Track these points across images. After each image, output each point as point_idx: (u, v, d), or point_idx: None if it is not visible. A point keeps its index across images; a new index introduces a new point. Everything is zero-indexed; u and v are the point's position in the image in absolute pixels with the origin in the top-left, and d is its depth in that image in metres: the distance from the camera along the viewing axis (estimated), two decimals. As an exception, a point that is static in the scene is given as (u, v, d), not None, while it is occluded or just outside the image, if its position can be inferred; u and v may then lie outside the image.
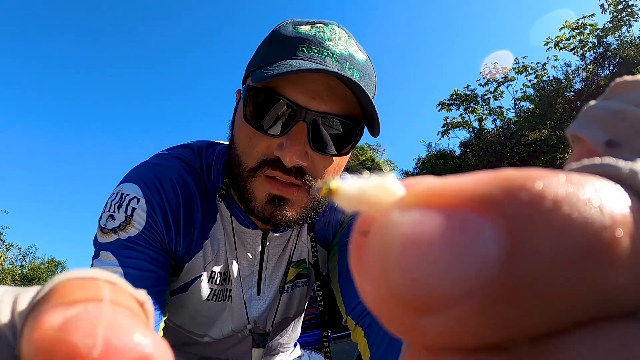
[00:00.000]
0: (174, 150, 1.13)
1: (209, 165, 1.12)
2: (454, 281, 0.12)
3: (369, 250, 0.14)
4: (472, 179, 0.13)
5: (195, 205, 1.07)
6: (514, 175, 0.13)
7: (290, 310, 1.28)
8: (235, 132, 1.00)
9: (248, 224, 1.11)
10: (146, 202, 1.00)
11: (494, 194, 0.13)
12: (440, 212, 0.13)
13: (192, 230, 1.07)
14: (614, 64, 20.10)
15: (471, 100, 25.33)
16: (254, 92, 0.92)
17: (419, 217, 0.13)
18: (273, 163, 0.93)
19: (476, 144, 21.97)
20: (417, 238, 0.13)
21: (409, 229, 0.13)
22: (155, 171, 1.05)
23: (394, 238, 0.13)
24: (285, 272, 1.20)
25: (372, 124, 0.97)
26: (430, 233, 0.13)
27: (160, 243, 1.02)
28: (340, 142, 0.96)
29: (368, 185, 0.14)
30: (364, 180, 0.14)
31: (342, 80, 0.90)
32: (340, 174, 1.05)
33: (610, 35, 21.05)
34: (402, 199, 0.14)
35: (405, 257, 0.13)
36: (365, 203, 0.14)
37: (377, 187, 0.14)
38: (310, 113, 0.90)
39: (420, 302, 0.13)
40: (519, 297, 0.12)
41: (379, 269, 0.13)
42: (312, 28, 0.95)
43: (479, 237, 0.12)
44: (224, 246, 1.12)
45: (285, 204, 0.97)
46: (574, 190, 0.13)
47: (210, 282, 1.13)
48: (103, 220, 1.00)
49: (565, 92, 20.31)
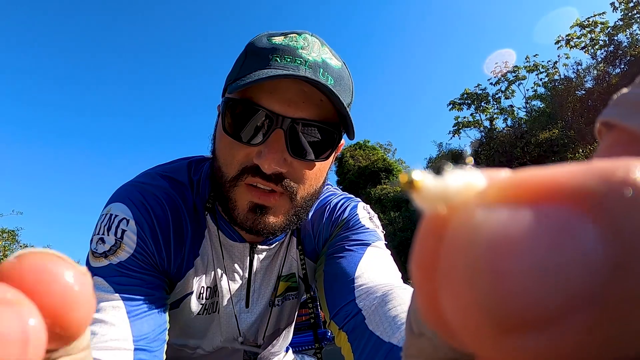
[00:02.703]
0: (161, 168, 1.13)
1: (198, 180, 1.12)
2: (555, 293, 0.10)
3: (449, 256, 0.12)
4: (565, 170, 0.11)
5: (184, 223, 1.06)
6: (613, 166, 0.11)
7: (281, 322, 1.30)
8: (217, 144, 1.01)
9: (235, 238, 1.11)
10: (136, 223, 0.99)
11: (593, 187, 0.11)
12: (533, 209, 0.11)
13: (182, 249, 1.06)
14: (625, 62, 19.93)
15: (482, 99, 25.23)
16: (232, 103, 0.93)
17: (508, 215, 0.11)
18: (253, 170, 0.93)
19: (487, 144, 21.87)
20: (509, 241, 0.11)
21: (499, 230, 0.11)
22: (142, 190, 1.04)
23: (481, 241, 0.11)
24: (275, 286, 1.20)
25: (347, 127, 0.98)
26: (524, 235, 0.11)
27: (152, 264, 1.01)
28: (319, 147, 0.96)
29: (451, 180, 0.12)
30: (446, 175, 0.12)
31: (315, 86, 0.91)
32: (324, 178, 1.05)
33: (621, 33, 20.86)
34: (487, 193, 0.12)
35: (495, 264, 0.11)
36: (447, 199, 0.12)
37: (461, 182, 0.12)
38: (287, 120, 0.90)
39: (515, 318, 0.11)
40: (632, 311, 0.10)
41: (462, 280, 0.11)
42: (285, 38, 0.96)
43: (581, 240, 0.10)
44: (212, 260, 1.11)
45: (267, 212, 0.96)
46: None
47: (200, 297, 1.12)
48: (94, 243, 0.98)
49: (576, 91, 20.18)
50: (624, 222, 0.10)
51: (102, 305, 0.89)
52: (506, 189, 0.12)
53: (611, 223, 0.10)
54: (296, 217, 1.03)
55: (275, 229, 1.00)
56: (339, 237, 1.14)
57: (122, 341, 0.85)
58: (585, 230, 0.10)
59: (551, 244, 0.10)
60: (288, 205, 0.99)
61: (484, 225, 0.11)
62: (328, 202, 1.21)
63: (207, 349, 1.23)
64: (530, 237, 0.11)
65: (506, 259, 0.11)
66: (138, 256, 0.98)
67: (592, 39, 22.14)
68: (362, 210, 1.20)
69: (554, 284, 0.10)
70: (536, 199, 0.11)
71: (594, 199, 0.10)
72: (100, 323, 0.85)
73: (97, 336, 0.83)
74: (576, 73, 21.41)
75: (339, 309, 1.00)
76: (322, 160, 0.99)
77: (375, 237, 1.13)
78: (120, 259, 0.96)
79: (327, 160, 1.02)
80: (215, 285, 1.13)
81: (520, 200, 0.11)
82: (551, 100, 21.09)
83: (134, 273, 0.96)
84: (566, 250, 0.10)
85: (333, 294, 1.05)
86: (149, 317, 0.92)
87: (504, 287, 0.11)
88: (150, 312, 0.93)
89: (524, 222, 0.11)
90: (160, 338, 0.95)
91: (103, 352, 0.81)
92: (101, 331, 0.84)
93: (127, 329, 0.87)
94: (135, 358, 0.86)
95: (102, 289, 0.92)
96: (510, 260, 0.11)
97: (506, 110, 24.64)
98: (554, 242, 0.10)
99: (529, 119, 22.28)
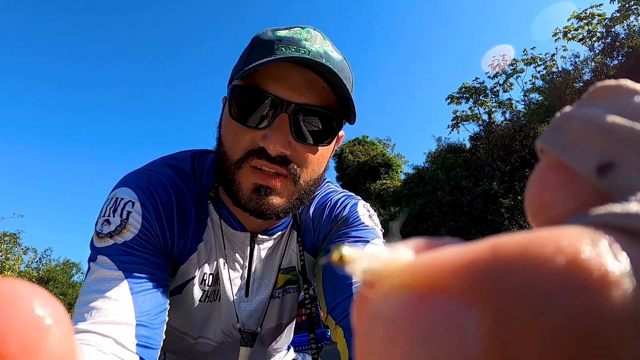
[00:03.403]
0: (166, 159, 1.16)
1: (201, 171, 1.15)
2: None
3: (361, 319, 0.13)
4: (464, 252, 0.12)
5: (188, 208, 1.09)
6: (506, 251, 0.11)
7: (283, 317, 1.32)
8: (222, 131, 1.04)
9: (237, 227, 1.13)
10: (141, 205, 1.02)
11: (481, 276, 0.11)
12: (423, 296, 0.11)
13: (186, 233, 1.09)
14: (622, 54, 19.92)
15: (480, 93, 25.22)
16: (239, 90, 0.97)
17: (401, 300, 0.12)
18: (258, 153, 0.96)
19: (486, 138, 21.88)
20: (397, 327, 0.11)
21: (391, 315, 0.12)
22: (148, 176, 1.07)
23: (378, 321, 0.12)
24: (275, 278, 1.22)
25: (349, 111, 1.00)
26: (410, 323, 0.11)
27: (156, 245, 1.03)
28: (322, 133, 1.00)
29: (377, 257, 0.13)
30: (375, 250, 0.13)
31: (320, 71, 0.95)
32: (325, 164, 1.09)
33: (619, 24, 20.82)
34: (399, 274, 0.12)
35: (385, 344, 0.11)
36: (370, 274, 0.13)
37: (386, 259, 0.13)
38: (291, 105, 0.94)
39: None
40: None
41: (366, 343, 0.12)
42: (289, 31, 1.00)
43: (462, 332, 0.10)
44: (214, 248, 1.13)
45: (270, 193, 0.99)
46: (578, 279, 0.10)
47: (203, 284, 1.14)
48: (99, 225, 1.01)
49: (574, 83, 20.16)
50: (503, 318, 0.10)
51: (105, 282, 0.91)
52: (409, 272, 0.12)
53: (494, 313, 0.10)
54: (299, 201, 1.05)
55: (279, 210, 1.01)
56: (338, 233, 1.17)
57: (124, 316, 0.87)
58: (467, 322, 0.10)
59: (434, 334, 0.10)
60: (292, 189, 1.01)
61: (382, 306, 0.12)
62: (329, 198, 1.24)
63: (209, 336, 1.25)
64: (416, 325, 0.11)
65: (394, 344, 0.11)
66: (142, 237, 1.00)
67: (590, 31, 22.11)
68: (362, 208, 1.23)
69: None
70: (432, 285, 0.11)
71: (481, 290, 0.10)
72: (103, 298, 0.88)
73: (100, 311, 0.86)
74: (574, 65, 21.40)
75: (336, 304, 1.03)
76: (325, 145, 1.02)
77: (374, 235, 1.16)
78: (125, 238, 0.98)
79: (329, 147, 1.05)
80: (217, 273, 1.15)
81: (418, 286, 0.12)
82: (549, 93, 21.08)
83: (138, 252, 0.98)
84: (444, 343, 0.10)
85: (331, 289, 1.08)
86: (151, 295, 0.94)
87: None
88: (152, 290, 0.95)
89: (414, 310, 0.11)
90: (161, 317, 0.96)
91: (106, 327, 0.84)
92: (104, 306, 0.86)
93: (130, 305, 0.89)
94: (137, 333, 0.88)
95: (106, 267, 0.94)
96: (397, 346, 0.11)
97: (504, 104, 24.64)
98: (437, 333, 0.10)
99: (527, 112, 22.27)
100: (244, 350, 1.21)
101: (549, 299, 0.10)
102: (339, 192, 1.27)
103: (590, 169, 0.14)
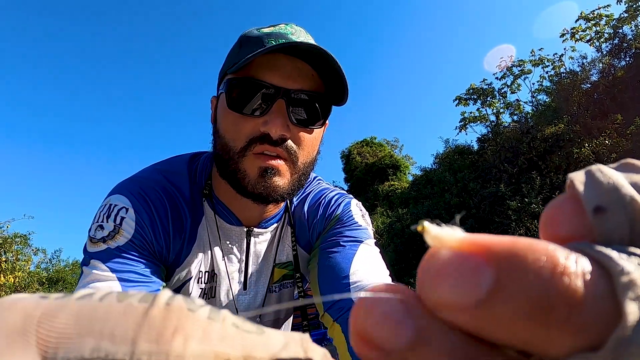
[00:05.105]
0: (158, 165, 1.19)
1: (194, 171, 1.18)
2: (460, 295, 0.17)
3: (427, 263, 0.19)
4: (495, 238, 0.18)
5: (182, 212, 1.12)
6: (519, 244, 0.17)
7: (281, 311, 1.37)
8: (220, 125, 1.08)
9: (232, 221, 1.17)
10: (134, 211, 1.04)
11: (500, 255, 0.17)
12: (465, 255, 0.18)
13: (182, 237, 1.11)
14: (630, 55, 19.82)
15: (488, 94, 25.18)
16: (235, 82, 1.01)
17: (453, 255, 0.18)
18: (260, 139, 1.01)
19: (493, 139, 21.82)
20: (448, 269, 0.18)
21: (446, 262, 0.18)
22: (141, 183, 1.10)
23: (437, 265, 0.18)
24: (271, 271, 1.26)
25: (342, 91, 1.06)
26: (455, 267, 0.18)
27: (150, 251, 1.05)
28: (315, 115, 1.06)
29: (443, 231, 0.19)
30: (441, 228, 0.19)
31: (308, 60, 1.02)
32: (318, 147, 1.15)
33: (626, 25, 20.72)
34: (454, 243, 0.18)
35: (437, 278, 0.18)
36: (438, 240, 0.19)
37: (448, 234, 0.19)
38: (287, 91, 1.00)
39: (439, 303, 0.17)
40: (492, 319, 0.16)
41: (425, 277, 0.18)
42: (274, 28, 1.06)
43: (480, 278, 0.17)
44: (210, 244, 1.16)
45: (274, 174, 1.02)
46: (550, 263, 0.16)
47: (199, 282, 1.17)
48: (92, 230, 1.02)
49: (581, 84, 20.08)
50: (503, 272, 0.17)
51: (97, 285, 0.92)
52: (457, 242, 0.18)
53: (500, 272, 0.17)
54: (298, 183, 1.10)
55: (284, 191, 1.06)
56: (332, 231, 1.20)
57: None
58: (485, 273, 0.17)
59: (465, 275, 0.17)
60: (292, 169, 1.06)
61: (440, 259, 0.18)
62: (323, 196, 1.28)
63: None
64: (456, 269, 0.17)
65: (442, 279, 0.18)
66: (136, 242, 1.02)
67: (598, 31, 22.02)
68: (355, 207, 1.27)
69: (457, 292, 0.17)
70: (470, 250, 0.18)
71: (496, 256, 0.17)
72: None
73: None
74: (581, 66, 21.31)
75: (334, 302, 1.06)
76: (318, 127, 1.09)
77: (367, 235, 1.20)
78: (118, 243, 1.00)
79: (321, 129, 1.12)
80: (213, 269, 1.18)
81: (462, 249, 0.18)
82: (557, 94, 21.01)
83: (131, 257, 1.00)
84: (470, 280, 0.17)
85: (327, 288, 1.10)
86: None
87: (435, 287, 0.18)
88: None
89: (457, 261, 0.18)
90: None
91: None
92: None
93: None
94: None
95: (99, 270, 0.95)
96: (440, 276, 0.18)
97: (512, 105, 24.57)
98: (467, 274, 0.17)
99: (535, 114, 22.19)
100: None
101: (530, 272, 0.16)
102: (331, 190, 1.31)
103: (589, 206, 0.19)
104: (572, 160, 16.73)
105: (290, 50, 1.00)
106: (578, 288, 0.16)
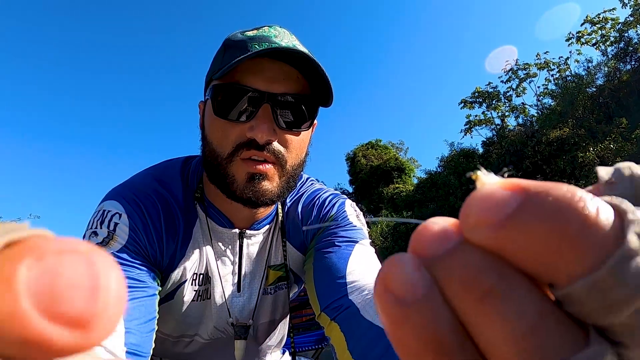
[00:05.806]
0: (151, 169, 1.18)
1: (187, 175, 1.18)
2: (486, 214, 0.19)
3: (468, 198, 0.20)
4: (529, 182, 0.20)
5: (175, 216, 1.11)
6: (550, 183, 0.19)
7: (276, 313, 1.34)
8: (208, 131, 1.07)
9: (224, 224, 1.16)
10: (128, 217, 1.04)
11: (530, 189, 0.19)
12: (497, 191, 0.19)
13: (175, 241, 1.10)
14: (635, 59, 19.82)
15: (493, 97, 25.20)
16: (220, 88, 1.01)
17: (488, 190, 0.20)
18: (247, 145, 1.00)
19: (498, 143, 21.84)
20: (484, 197, 0.19)
21: (484, 195, 0.19)
22: (134, 189, 1.10)
23: (473, 197, 0.20)
24: (265, 273, 1.24)
25: (327, 93, 1.06)
26: (489, 198, 0.19)
27: (144, 256, 1.05)
28: (301, 118, 1.05)
29: (487, 178, 0.21)
30: (486, 175, 0.21)
31: (292, 63, 1.02)
32: (307, 149, 1.13)
33: (632, 29, 20.72)
34: (491, 183, 0.20)
35: (471, 203, 0.19)
36: (480, 183, 0.21)
37: (488, 179, 0.21)
38: (272, 95, 0.99)
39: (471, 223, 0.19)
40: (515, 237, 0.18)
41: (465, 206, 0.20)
42: (258, 31, 1.05)
43: (506, 209, 0.18)
44: (203, 247, 1.15)
45: (263, 179, 1.02)
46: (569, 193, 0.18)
47: (194, 284, 1.16)
48: (86, 237, 1.02)
49: (586, 88, 20.09)
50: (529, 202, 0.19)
51: None
52: (497, 183, 0.20)
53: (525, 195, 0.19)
54: (287, 185, 1.09)
55: (273, 195, 1.05)
56: (327, 232, 1.19)
57: None
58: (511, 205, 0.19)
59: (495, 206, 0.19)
60: (280, 172, 1.05)
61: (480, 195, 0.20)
62: (317, 196, 1.27)
63: (204, 336, 1.27)
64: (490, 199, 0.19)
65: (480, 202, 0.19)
66: (130, 247, 1.02)
67: (603, 35, 22.01)
68: (349, 207, 1.25)
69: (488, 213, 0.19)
70: (503, 189, 0.19)
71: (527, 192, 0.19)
72: None
73: None
74: (587, 70, 21.32)
75: (331, 302, 1.05)
76: (305, 130, 1.08)
77: (362, 235, 1.19)
78: (112, 249, 0.99)
79: (308, 131, 1.11)
80: (207, 271, 1.18)
81: (496, 188, 0.20)
82: (562, 97, 21.01)
83: (126, 262, 1.00)
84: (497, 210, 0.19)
85: (324, 288, 1.09)
86: (140, 303, 0.96)
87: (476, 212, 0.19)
88: (141, 299, 0.97)
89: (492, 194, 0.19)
90: (150, 325, 0.98)
91: None
92: None
93: None
94: (126, 341, 0.89)
95: None
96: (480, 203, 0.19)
97: (517, 108, 24.57)
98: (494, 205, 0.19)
99: (540, 117, 22.19)
100: (239, 344, 1.22)
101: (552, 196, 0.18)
102: (325, 191, 1.30)
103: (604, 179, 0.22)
104: (576, 164, 16.75)
105: (274, 54, 1.00)
106: (591, 211, 0.18)
